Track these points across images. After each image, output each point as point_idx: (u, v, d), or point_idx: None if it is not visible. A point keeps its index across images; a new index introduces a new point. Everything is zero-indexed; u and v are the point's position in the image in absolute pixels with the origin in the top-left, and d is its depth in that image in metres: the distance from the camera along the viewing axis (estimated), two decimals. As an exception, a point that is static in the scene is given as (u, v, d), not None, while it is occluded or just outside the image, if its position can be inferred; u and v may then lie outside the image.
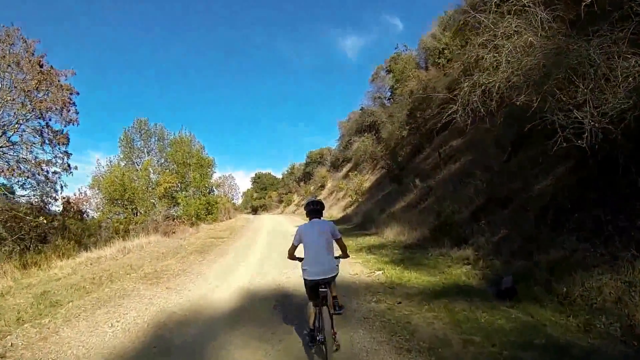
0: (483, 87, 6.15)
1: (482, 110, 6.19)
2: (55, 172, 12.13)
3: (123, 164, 26.43)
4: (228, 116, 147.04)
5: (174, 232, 17.27)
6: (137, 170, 26.40)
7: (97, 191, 23.30)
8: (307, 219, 4.36)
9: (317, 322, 3.99)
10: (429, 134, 23.82)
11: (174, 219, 24.20)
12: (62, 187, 12.62)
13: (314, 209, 4.30)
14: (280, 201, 70.23)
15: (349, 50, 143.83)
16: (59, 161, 12.22)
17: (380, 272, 7.82)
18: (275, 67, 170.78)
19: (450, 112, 6.70)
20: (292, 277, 7.62)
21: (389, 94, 39.11)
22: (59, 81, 11.25)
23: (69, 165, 12.22)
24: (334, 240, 4.21)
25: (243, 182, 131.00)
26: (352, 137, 45.03)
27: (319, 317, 3.93)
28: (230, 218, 32.21)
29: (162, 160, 29.24)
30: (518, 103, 5.42)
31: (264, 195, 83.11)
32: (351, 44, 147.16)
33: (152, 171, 26.97)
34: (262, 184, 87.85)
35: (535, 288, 5.75)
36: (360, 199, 27.46)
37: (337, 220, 24.66)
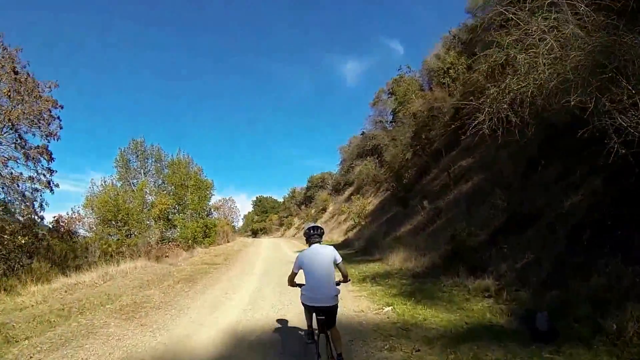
0: (513, 94, 5.32)
1: (513, 119, 5.33)
2: (36, 190, 11.26)
3: (119, 185, 25.72)
4: (229, 140, 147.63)
5: (166, 256, 16.21)
6: (134, 191, 25.61)
7: (91, 212, 22.44)
8: (307, 244, 4.24)
9: (315, 346, 3.99)
10: (435, 154, 23.10)
11: (169, 242, 23.21)
12: (41, 205, 11.72)
13: (314, 234, 4.17)
14: (281, 224, 69.18)
15: (348, 74, 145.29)
16: (42, 178, 11.37)
17: (390, 308, 6.70)
18: (275, 91, 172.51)
19: (475, 122, 5.79)
20: (289, 314, 6.58)
21: (391, 117, 38.81)
22: (39, 92, 10.52)
23: (49, 183, 11.37)
24: (334, 266, 4.09)
25: (245, 205, 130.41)
26: (353, 161, 44.52)
27: (316, 344, 3.94)
28: (228, 241, 31.13)
29: (160, 182, 28.51)
30: (572, 103, 4.51)
31: (264, 219, 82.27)
32: (351, 68, 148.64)
33: (148, 192, 26.16)
34: (262, 207, 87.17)
35: (577, 325, 4.75)
36: (363, 223, 26.43)
37: (338, 245, 23.54)
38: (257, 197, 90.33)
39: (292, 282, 4.29)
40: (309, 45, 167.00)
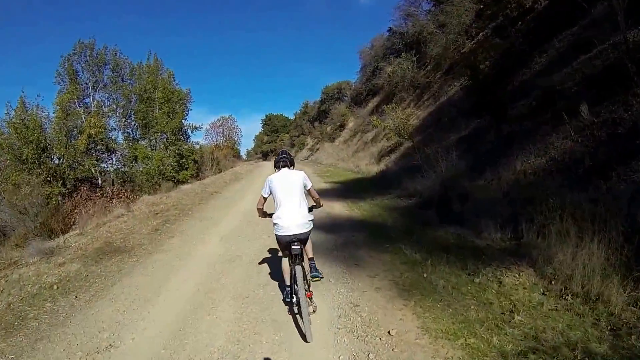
0: None
1: None
2: None
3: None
4: (243, 61, 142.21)
5: (69, 225, 8.59)
6: (83, 112, 17.48)
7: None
8: (275, 169, 4.00)
9: (292, 282, 3.72)
10: (532, 33, 14.20)
11: (124, 183, 15.68)
12: None
13: (282, 157, 3.99)
14: (292, 145, 61.68)
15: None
16: None
17: None
18: (285, 11, 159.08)
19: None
20: None
21: (427, 7, 29.53)
22: None
23: None
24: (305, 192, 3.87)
25: (257, 126, 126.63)
26: (379, 62, 35.08)
27: (293, 278, 3.67)
28: (220, 171, 23.39)
29: (122, 100, 20.01)
30: None
31: (275, 139, 75.20)
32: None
33: (89, 113, 17.98)
34: (272, 126, 79.50)
35: None
36: (407, 144, 18.10)
37: (373, 180, 15.58)
38: (266, 116, 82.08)
39: (262, 212, 4.06)
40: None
